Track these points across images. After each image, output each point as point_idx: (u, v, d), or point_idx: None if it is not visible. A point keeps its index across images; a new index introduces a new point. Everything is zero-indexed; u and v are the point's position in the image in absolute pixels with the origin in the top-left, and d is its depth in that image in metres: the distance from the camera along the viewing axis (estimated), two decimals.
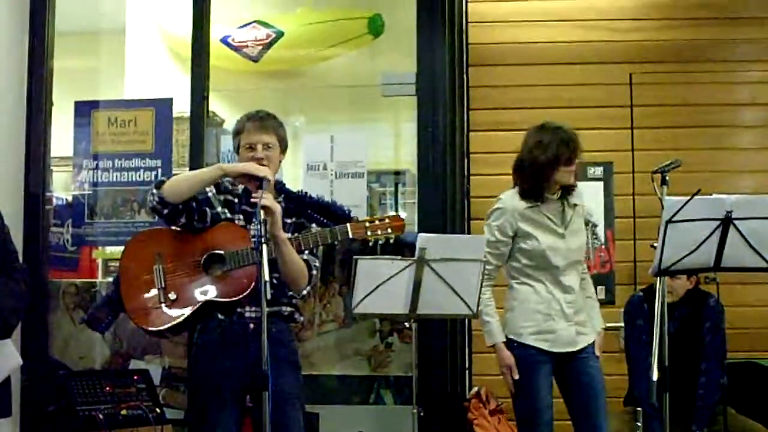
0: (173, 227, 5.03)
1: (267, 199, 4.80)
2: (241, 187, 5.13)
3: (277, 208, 4.84)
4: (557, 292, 5.35)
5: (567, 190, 5.43)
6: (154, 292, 5.02)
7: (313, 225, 5.10)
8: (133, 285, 5.09)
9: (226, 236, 5.00)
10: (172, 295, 4.99)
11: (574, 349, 5.35)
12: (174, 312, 4.98)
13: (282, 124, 5.21)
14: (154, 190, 4.91)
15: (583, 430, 5.34)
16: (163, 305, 4.99)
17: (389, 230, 5.07)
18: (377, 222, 5.05)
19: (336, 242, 5.03)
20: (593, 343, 5.40)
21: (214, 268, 5.00)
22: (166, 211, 4.93)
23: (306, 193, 5.24)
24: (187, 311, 4.96)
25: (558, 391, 5.43)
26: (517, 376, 5.29)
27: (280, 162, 5.21)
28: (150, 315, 5.03)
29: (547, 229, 5.37)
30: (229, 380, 4.95)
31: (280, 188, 5.15)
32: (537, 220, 5.36)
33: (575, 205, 5.46)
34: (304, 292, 5.14)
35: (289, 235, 5.00)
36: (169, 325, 5.00)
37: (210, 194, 5.11)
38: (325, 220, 5.10)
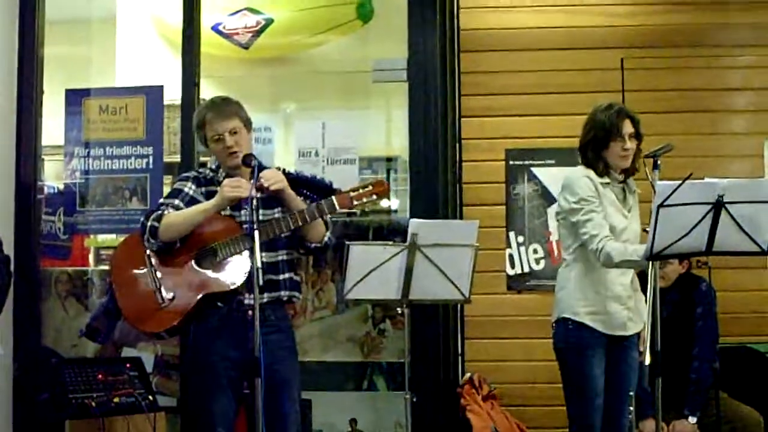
0: None
1: (273, 183, 4.93)
2: (221, 175, 5.14)
3: (285, 185, 4.99)
4: (615, 273, 5.29)
5: (627, 175, 5.41)
6: (149, 294, 5.04)
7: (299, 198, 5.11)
8: (128, 290, 5.12)
9: (214, 229, 5.02)
10: (169, 295, 5.01)
11: (625, 334, 5.32)
12: (173, 311, 5.02)
13: (240, 104, 5.24)
14: (152, 239, 5.00)
15: (607, 419, 5.32)
16: (161, 306, 5.01)
17: (374, 196, 5.07)
18: (361, 190, 5.04)
19: (324, 216, 5.02)
20: (639, 334, 5.36)
21: (206, 262, 5.01)
22: (164, 248, 5.04)
23: (284, 169, 5.25)
24: (186, 309, 5.00)
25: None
26: None
27: (250, 140, 5.25)
28: (150, 318, 5.07)
29: (615, 206, 5.34)
30: (228, 367, 4.99)
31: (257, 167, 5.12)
32: (606, 195, 5.32)
33: (635, 191, 5.46)
34: (326, 239, 5.17)
35: (279, 210, 5.02)
36: (170, 325, 5.04)
37: (191, 192, 5.12)
38: (308, 193, 5.11)
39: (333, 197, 5.00)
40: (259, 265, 4.55)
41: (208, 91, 7.06)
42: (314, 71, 8.12)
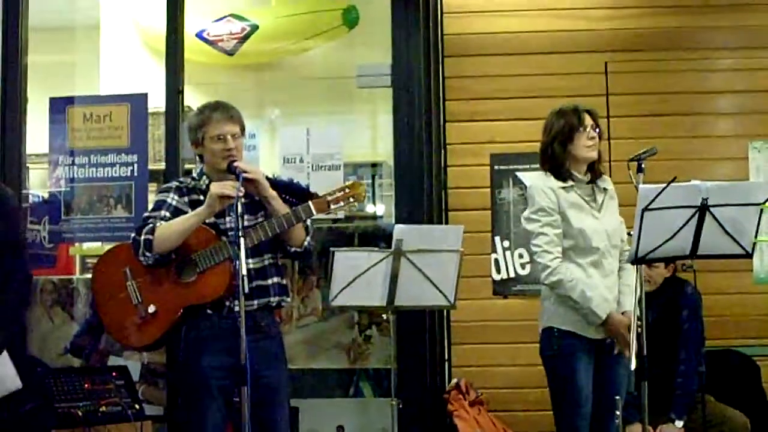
0: None
1: (248, 172, 4.94)
2: (203, 182, 5.12)
3: (260, 174, 5.02)
4: (597, 276, 5.26)
5: (595, 174, 5.39)
6: (132, 308, 5.05)
7: None
8: (110, 306, 5.13)
9: (193, 240, 5.00)
10: (152, 308, 5.01)
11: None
12: (156, 325, 5.04)
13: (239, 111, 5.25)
14: (148, 253, 4.96)
15: (595, 424, 5.31)
16: (144, 320, 5.02)
17: (351, 199, 5.09)
18: (338, 193, 5.08)
19: (302, 222, 5.02)
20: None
21: (187, 273, 5.00)
22: (159, 262, 5.02)
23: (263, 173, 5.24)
24: (169, 322, 5.02)
25: None
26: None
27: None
28: (133, 332, 5.10)
29: (583, 209, 5.30)
30: (219, 376, 4.98)
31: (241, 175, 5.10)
32: (572, 200, 5.29)
33: (605, 189, 5.42)
34: (306, 243, 5.16)
35: (262, 214, 5.01)
36: (153, 339, 5.07)
37: (174, 202, 5.10)
38: (287, 197, 5.11)
39: (310, 202, 5.02)
40: (244, 272, 4.54)
41: (192, 98, 7.06)
42: (299, 77, 8.11)
